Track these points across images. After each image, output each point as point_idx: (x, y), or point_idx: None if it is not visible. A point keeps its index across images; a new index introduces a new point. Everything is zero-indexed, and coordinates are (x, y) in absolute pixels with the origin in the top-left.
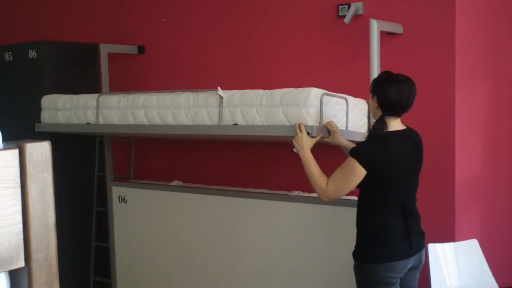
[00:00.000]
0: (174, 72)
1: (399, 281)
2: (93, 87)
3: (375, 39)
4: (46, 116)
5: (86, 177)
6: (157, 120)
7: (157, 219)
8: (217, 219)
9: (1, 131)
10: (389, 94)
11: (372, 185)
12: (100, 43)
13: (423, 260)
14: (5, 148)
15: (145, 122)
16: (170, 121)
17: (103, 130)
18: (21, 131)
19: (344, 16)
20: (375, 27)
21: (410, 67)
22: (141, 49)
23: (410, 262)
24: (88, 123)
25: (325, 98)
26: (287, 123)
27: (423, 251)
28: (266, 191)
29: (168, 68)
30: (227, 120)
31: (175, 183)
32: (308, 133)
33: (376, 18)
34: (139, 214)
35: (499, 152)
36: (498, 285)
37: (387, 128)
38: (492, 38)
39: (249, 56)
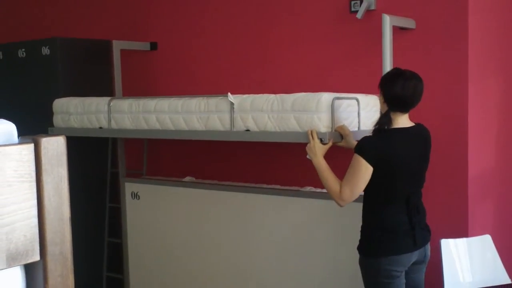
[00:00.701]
0: (187, 68)
1: (403, 274)
2: (106, 84)
3: (388, 34)
4: (59, 121)
5: (99, 173)
6: (169, 125)
7: (170, 215)
8: (229, 215)
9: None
10: (394, 89)
11: (378, 181)
12: (113, 39)
13: (429, 254)
14: (20, 143)
15: (157, 126)
16: (182, 126)
17: (116, 134)
18: (34, 127)
19: (356, 12)
20: (388, 22)
21: (422, 62)
22: (153, 46)
23: (414, 256)
24: (101, 128)
25: (336, 102)
26: (299, 130)
27: (428, 245)
28: (278, 187)
29: (180, 65)
30: (239, 125)
31: (187, 179)
32: (320, 139)
33: (388, 13)
34: (152, 210)
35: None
36: (511, 280)
37: (392, 124)
38: (505, 33)
39: (261, 52)
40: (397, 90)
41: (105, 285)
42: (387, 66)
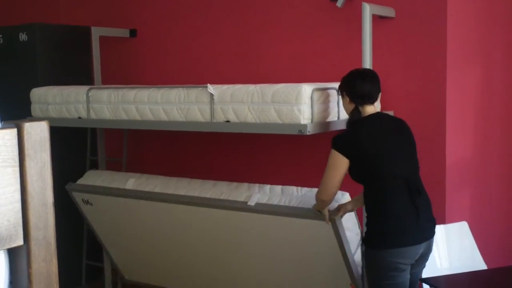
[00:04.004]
0: (166, 56)
1: (408, 268)
2: (85, 70)
3: (367, 23)
4: (37, 111)
5: (78, 161)
6: (149, 116)
7: (122, 223)
8: (176, 225)
9: None
10: (360, 87)
11: (363, 169)
12: (92, 26)
13: (432, 248)
14: (3, 128)
15: (137, 117)
16: (162, 117)
17: (95, 125)
18: (11, 116)
19: (336, 0)
20: (368, 10)
21: (402, 50)
22: (133, 33)
23: (421, 248)
24: (80, 117)
25: (316, 92)
26: (280, 121)
27: (433, 239)
28: (226, 198)
29: (160, 52)
30: (219, 117)
31: (130, 182)
32: (300, 131)
33: (368, 1)
34: (105, 215)
35: (490, 135)
36: (487, 266)
37: (359, 116)
38: (484, 21)
39: (242, 41)
40: (363, 87)
41: (84, 273)
42: (367, 55)
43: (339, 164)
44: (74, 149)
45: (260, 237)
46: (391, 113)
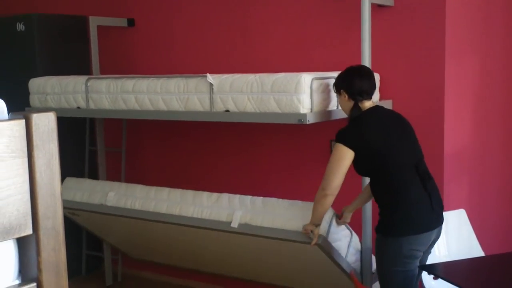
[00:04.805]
0: (165, 46)
1: (421, 256)
2: (83, 61)
3: (366, 12)
4: (36, 101)
5: (77, 150)
6: (148, 106)
7: (113, 225)
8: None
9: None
10: (358, 84)
11: (370, 160)
12: (89, 15)
13: (440, 234)
14: (11, 119)
15: (136, 107)
16: (162, 106)
17: (94, 115)
18: (10, 103)
19: None
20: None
21: (400, 39)
22: (130, 22)
23: (434, 234)
24: (78, 108)
25: (316, 82)
26: (279, 111)
27: (442, 225)
28: (207, 218)
29: (158, 42)
30: (219, 106)
31: (110, 196)
32: (300, 120)
33: None
34: (94, 221)
35: (488, 124)
36: (485, 253)
37: (360, 111)
38: (483, 9)
39: (241, 31)
40: (362, 84)
41: (84, 263)
42: (366, 44)
43: (345, 156)
44: (73, 139)
45: (248, 253)
46: (389, 102)
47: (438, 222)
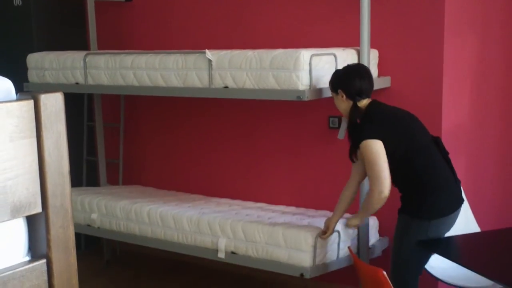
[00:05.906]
0: (163, 21)
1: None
2: (81, 36)
3: None
4: (34, 76)
5: (75, 126)
6: (147, 82)
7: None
8: None
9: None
10: (357, 84)
11: (396, 144)
12: None
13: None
14: (20, 99)
15: (135, 83)
16: (160, 83)
17: (92, 90)
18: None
19: None
20: None
21: (399, 15)
22: None
23: (458, 214)
24: (77, 83)
25: (315, 58)
26: (278, 87)
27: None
28: (193, 244)
29: (156, 17)
30: (218, 83)
31: (94, 218)
32: (298, 97)
33: None
34: None
35: (486, 101)
36: (481, 229)
37: (361, 110)
38: None
39: (239, 5)
40: (361, 84)
41: (83, 239)
42: (365, 21)
43: (378, 149)
44: (71, 115)
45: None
46: (388, 78)
47: (462, 198)
